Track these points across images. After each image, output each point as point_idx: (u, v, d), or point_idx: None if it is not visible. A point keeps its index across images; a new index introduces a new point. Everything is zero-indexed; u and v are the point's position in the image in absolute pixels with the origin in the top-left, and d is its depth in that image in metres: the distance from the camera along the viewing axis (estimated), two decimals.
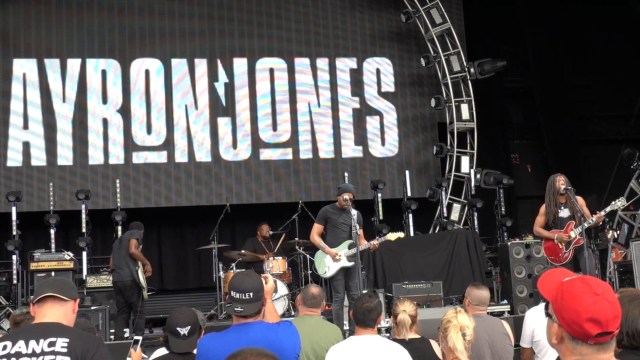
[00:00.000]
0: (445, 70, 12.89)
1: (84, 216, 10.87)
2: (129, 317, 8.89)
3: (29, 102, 11.88)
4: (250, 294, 3.36)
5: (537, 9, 14.02)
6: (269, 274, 6.33)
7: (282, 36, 12.95)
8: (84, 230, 10.84)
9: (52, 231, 10.53)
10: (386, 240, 7.96)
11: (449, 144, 12.90)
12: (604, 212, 7.40)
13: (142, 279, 8.85)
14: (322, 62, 13.06)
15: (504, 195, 12.37)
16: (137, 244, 8.87)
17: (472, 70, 12.85)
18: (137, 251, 8.88)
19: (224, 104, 12.57)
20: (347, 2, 13.30)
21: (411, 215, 12.03)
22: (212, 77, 12.57)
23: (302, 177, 12.70)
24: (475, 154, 12.87)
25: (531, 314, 5.15)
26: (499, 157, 14.12)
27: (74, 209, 11.17)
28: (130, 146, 12.11)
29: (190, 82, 12.49)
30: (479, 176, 12.58)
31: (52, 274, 9.23)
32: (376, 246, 7.86)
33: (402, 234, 8.16)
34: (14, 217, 10.48)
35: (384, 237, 8.04)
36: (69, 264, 9.56)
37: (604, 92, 14.76)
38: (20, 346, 3.05)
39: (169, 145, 12.26)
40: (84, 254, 10.71)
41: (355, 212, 7.72)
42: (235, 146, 12.53)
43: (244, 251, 10.58)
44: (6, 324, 9.01)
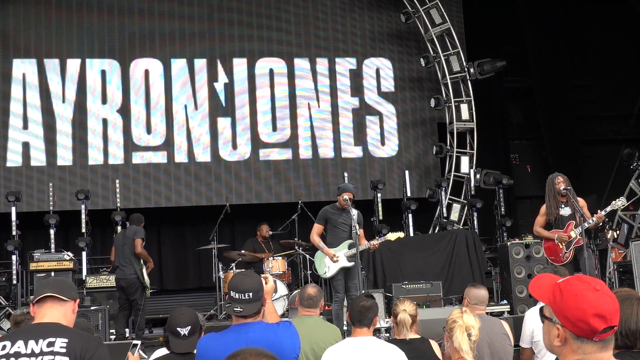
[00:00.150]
0: (445, 70, 12.89)
1: (83, 216, 10.87)
2: (129, 314, 8.88)
3: (29, 102, 11.87)
4: (249, 294, 3.36)
5: (536, 9, 14.02)
6: (269, 274, 6.33)
7: (282, 37, 12.95)
8: (83, 230, 10.84)
9: (52, 231, 10.53)
10: (386, 240, 7.96)
11: (449, 144, 12.89)
12: (604, 212, 7.39)
13: (147, 278, 8.86)
14: (322, 63, 13.06)
15: (504, 195, 12.36)
16: (142, 243, 8.87)
17: (471, 70, 12.84)
18: (144, 251, 8.90)
19: (224, 104, 12.57)
20: (346, 3, 13.30)
21: (411, 215, 12.03)
22: (212, 77, 12.57)
23: (301, 177, 12.69)
24: (475, 154, 12.87)
25: (531, 314, 5.16)
26: (498, 157, 14.12)
27: (74, 209, 11.17)
28: (130, 146, 12.11)
29: (190, 82, 12.49)
30: (478, 176, 12.58)
31: (52, 274, 9.21)
32: (376, 246, 7.85)
33: (402, 234, 8.15)
34: (13, 217, 10.48)
35: (384, 237, 8.04)
36: (69, 264, 9.54)
37: (603, 92, 14.76)
38: (19, 346, 3.05)
39: (168, 145, 12.26)
40: (84, 254, 10.72)
41: (355, 212, 7.71)
42: (235, 146, 12.53)
43: (243, 251, 10.58)
44: (6, 324, 9.00)
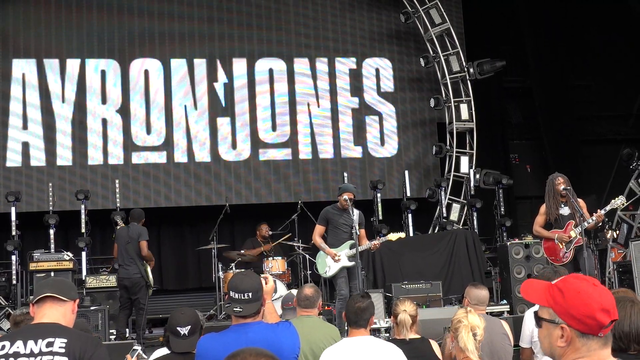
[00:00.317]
0: (444, 70, 12.89)
1: (83, 216, 10.85)
2: (130, 314, 8.86)
3: (28, 102, 11.86)
4: (249, 294, 3.36)
5: (536, 9, 14.02)
6: (269, 274, 6.33)
7: (282, 37, 12.95)
8: (83, 230, 10.83)
9: (52, 231, 10.51)
10: (387, 240, 7.97)
11: (448, 144, 12.89)
12: (604, 211, 7.39)
13: (151, 276, 8.88)
14: (322, 63, 13.06)
15: (503, 195, 12.36)
16: (148, 245, 8.88)
17: (471, 70, 12.84)
18: (149, 253, 8.91)
19: (224, 104, 12.57)
20: (346, 3, 13.29)
21: (410, 215, 12.02)
22: (212, 77, 12.57)
23: (301, 177, 12.69)
24: (474, 154, 12.86)
25: (530, 314, 5.15)
26: (498, 157, 14.12)
27: (74, 209, 11.16)
28: (129, 146, 12.11)
29: (189, 82, 12.48)
30: (478, 176, 12.57)
31: (52, 274, 9.18)
32: (377, 246, 7.86)
33: (403, 234, 8.17)
34: (13, 217, 10.46)
35: (384, 237, 8.05)
36: (69, 264, 9.52)
37: (603, 92, 14.76)
38: (18, 346, 3.06)
39: (168, 145, 12.26)
40: (84, 254, 10.70)
41: (357, 212, 7.74)
42: (234, 146, 12.52)
43: (243, 251, 10.58)
44: (6, 324, 9.00)
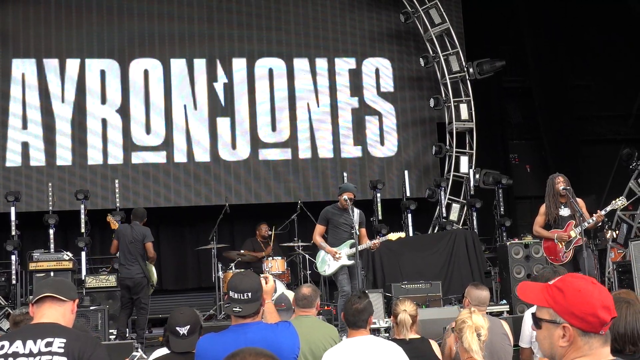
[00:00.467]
0: (444, 70, 12.88)
1: (82, 216, 10.85)
2: (131, 313, 8.85)
3: (28, 102, 11.86)
4: (248, 294, 3.36)
5: (536, 9, 14.02)
6: (269, 274, 6.32)
7: (281, 36, 12.94)
8: (82, 230, 10.82)
9: (51, 231, 10.51)
10: (387, 240, 7.97)
11: (448, 144, 12.89)
12: (604, 212, 7.39)
13: (155, 276, 8.89)
14: (321, 63, 13.05)
15: (503, 195, 12.35)
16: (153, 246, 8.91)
17: (471, 70, 12.83)
18: (154, 254, 8.91)
19: (223, 104, 12.56)
20: (345, 3, 13.29)
21: (410, 215, 12.01)
22: (211, 77, 12.57)
23: (301, 177, 12.69)
24: (474, 154, 12.86)
25: (530, 314, 5.14)
26: (497, 157, 14.12)
27: (73, 209, 11.16)
28: (129, 146, 12.10)
29: (189, 82, 12.48)
30: (477, 176, 12.56)
31: (51, 274, 9.17)
32: (377, 245, 7.87)
33: (403, 234, 8.18)
34: (13, 217, 10.46)
35: (384, 237, 8.05)
36: (68, 264, 9.52)
37: (602, 92, 14.76)
38: (17, 346, 3.06)
39: (168, 145, 12.26)
40: (83, 254, 10.69)
41: (357, 211, 7.75)
42: (234, 146, 12.52)
43: (243, 251, 10.58)
44: (5, 324, 8.99)
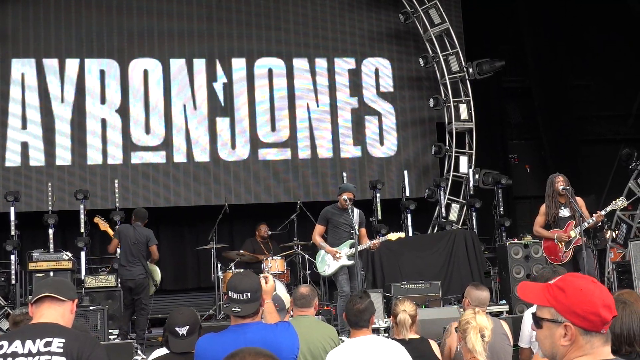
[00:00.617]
0: (443, 70, 12.88)
1: (82, 216, 10.84)
2: (133, 312, 8.87)
3: (27, 102, 11.85)
4: (248, 294, 3.36)
5: (535, 9, 14.02)
6: (269, 274, 6.32)
7: (281, 36, 12.94)
8: (82, 230, 10.82)
9: (51, 231, 10.51)
10: (387, 240, 7.97)
11: (448, 144, 12.88)
12: (604, 212, 7.39)
13: (159, 276, 8.89)
14: (321, 63, 13.05)
15: (503, 195, 12.34)
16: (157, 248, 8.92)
17: (470, 70, 12.83)
18: (158, 256, 8.93)
19: (223, 104, 12.56)
20: (345, 3, 13.28)
21: (410, 215, 12.01)
22: (211, 77, 12.56)
23: (300, 177, 12.69)
24: (473, 154, 12.86)
25: (530, 314, 5.14)
26: (497, 157, 14.12)
27: (73, 209, 11.15)
28: (128, 146, 12.10)
29: (188, 82, 12.47)
30: (477, 176, 12.56)
31: (51, 274, 9.17)
32: (377, 245, 7.87)
33: (403, 234, 8.18)
34: (12, 217, 10.46)
35: (384, 237, 8.05)
36: (68, 264, 9.51)
37: (602, 92, 14.76)
38: (16, 346, 3.06)
39: (167, 145, 12.25)
40: (83, 254, 10.69)
41: (357, 211, 7.75)
42: (233, 146, 12.51)
43: (242, 251, 10.58)
44: (5, 324, 8.99)
